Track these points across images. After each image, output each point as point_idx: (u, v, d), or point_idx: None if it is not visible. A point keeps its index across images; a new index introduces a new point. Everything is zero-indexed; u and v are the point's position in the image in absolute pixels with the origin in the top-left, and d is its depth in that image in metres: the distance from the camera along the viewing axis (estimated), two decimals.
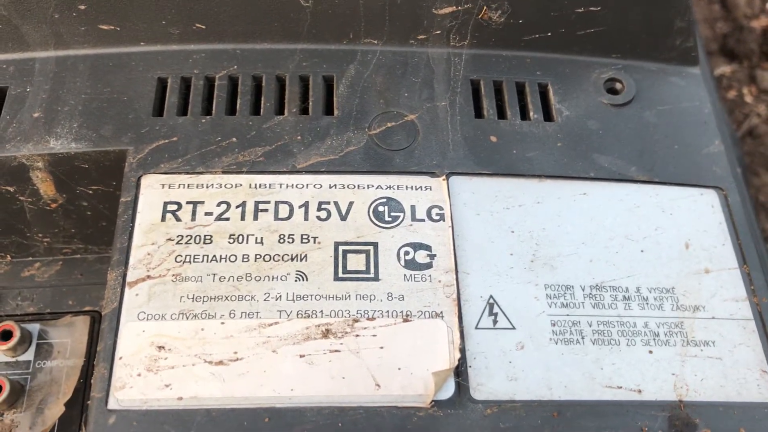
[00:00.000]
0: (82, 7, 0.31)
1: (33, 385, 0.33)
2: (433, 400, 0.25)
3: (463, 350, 0.26)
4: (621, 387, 0.26)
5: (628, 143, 0.32)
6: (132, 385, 0.25)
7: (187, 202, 0.28)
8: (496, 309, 0.27)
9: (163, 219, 0.28)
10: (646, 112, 0.33)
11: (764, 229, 0.82)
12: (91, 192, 0.32)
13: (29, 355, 0.33)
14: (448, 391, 0.25)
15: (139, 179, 0.29)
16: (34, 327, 0.34)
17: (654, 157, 0.32)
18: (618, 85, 0.33)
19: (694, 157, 0.32)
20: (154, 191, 0.29)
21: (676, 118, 0.33)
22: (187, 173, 0.29)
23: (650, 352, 0.27)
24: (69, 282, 0.35)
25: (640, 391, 0.26)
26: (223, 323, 0.26)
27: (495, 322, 0.27)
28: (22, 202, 0.32)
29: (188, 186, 0.29)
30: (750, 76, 0.90)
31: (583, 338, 0.27)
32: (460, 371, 0.26)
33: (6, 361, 0.33)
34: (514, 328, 0.27)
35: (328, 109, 0.31)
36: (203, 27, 0.32)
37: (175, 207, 0.28)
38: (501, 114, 0.32)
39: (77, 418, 0.32)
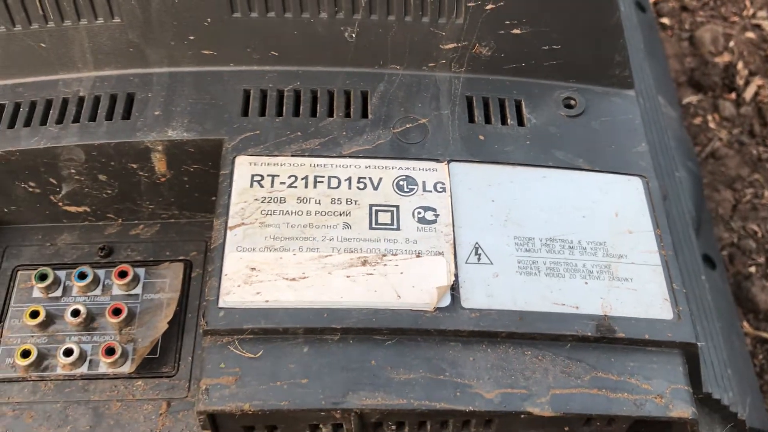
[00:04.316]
0: (192, 37, 0.43)
1: (142, 310, 0.43)
2: (436, 307, 0.36)
3: (456, 276, 0.37)
4: (564, 304, 0.37)
5: (578, 143, 0.42)
6: (235, 293, 0.36)
7: (268, 175, 0.40)
8: (480, 251, 0.39)
9: (251, 186, 0.40)
10: (593, 121, 0.44)
11: (721, 237, 0.94)
12: (192, 170, 0.43)
13: (138, 290, 0.43)
14: (446, 301, 0.35)
15: (233, 159, 0.40)
16: (141, 270, 0.45)
17: (596, 153, 0.42)
18: (573, 102, 0.44)
19: (625, 154, 0.43)
20: (244, 167, 0.41)
21: (614, 126, 0.44)
22: (267, 155, 0.40)
23: (586, 283, 0.38)
24: (166, 239, 0.44)
25: (577, 308, 0.37)
26: (294, 254, 0.38)
27: (479, 259, 0.39)
28: (140, 176, 0.43)
29: (268, 164, 0.41)
30: (714, 105, 1.02)
31: (539, 272, 0.38)
32: (455, 288, 0.37)
33: (122, 293, 0.44)
34: (492, 263, 0.38)
35: (365, 114, 0.41)
36: (276, 54, 0.43)
37: (259, 178, 0.40)
38: (487, 120, 0.42)
39: (176, 331, 0.43)
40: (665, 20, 1.11)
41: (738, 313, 0.83)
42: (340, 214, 0.39)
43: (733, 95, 1.02)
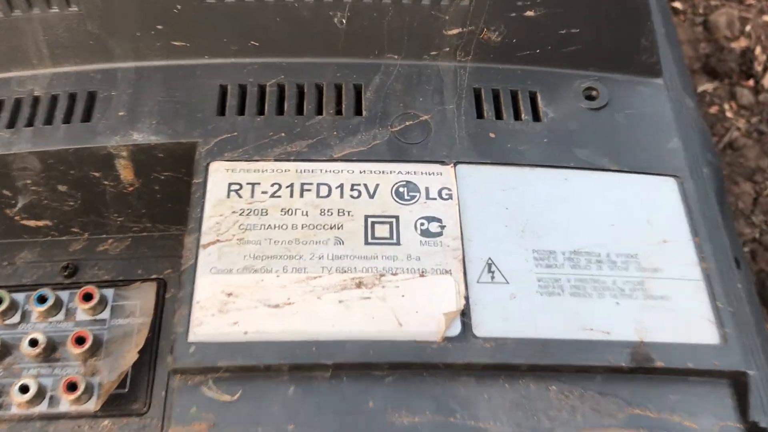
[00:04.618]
0: (160, 27, 0.38)
1: (109, 338, 0.39)
2: (443, 336, 0.32)
3: (467, 298, 0.32)
4: (593, 329, 0.32)
5: (602, 140, 0.38)
6: (207, 323, 0.31)
7: (247, 183, 0.35)
8: (493, 268, 0.34)
9: (228, 196, 0.35)
10: (617, 114, 0.39)
11: (743, 233, 0.89)
12: (163, 177, 0.38)
13: (106, 314, 0.39)
14: (456, 329, 0.31)
15: (207, 165, 0.36)
16: (109, 291, 0.40)
17: (623, 151, 0.38)
18: (594, 93, 0.40)
19: (655, 152, 0.38)
20: (220, 174, 0.35)
21: (642, 120, 0.40)
22: (246, 161, 0.36)
23: (617, 303, 0.33)
24: (137, 255, 0.40)
25: (608, 333, 0.32)
26: (278, 276, 0.33)
27: (492, 277, 0.33)
28: (104, 186, 0.38)
29: (247, 171, 0.35)
30: (730, 92, 0.96)
31: (563, 291, 0.33)
32: (465, 314, 0.32)
33: (87, 319, 0.39)
34: (507, 282, 0.33)
35: (358, 111, 0.37)
36: (257, 44, 0.39)
37: (237, 187, 0.35)
38: (498, 115, 0.38)
39: (148, 361, 0.38)
40: (677, 4, 1.06)
41: (763, 315, 0.78)
42: (331, 228, 0.34)
43: (751, 82, 0.97)
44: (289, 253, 0.33)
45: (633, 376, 0.31)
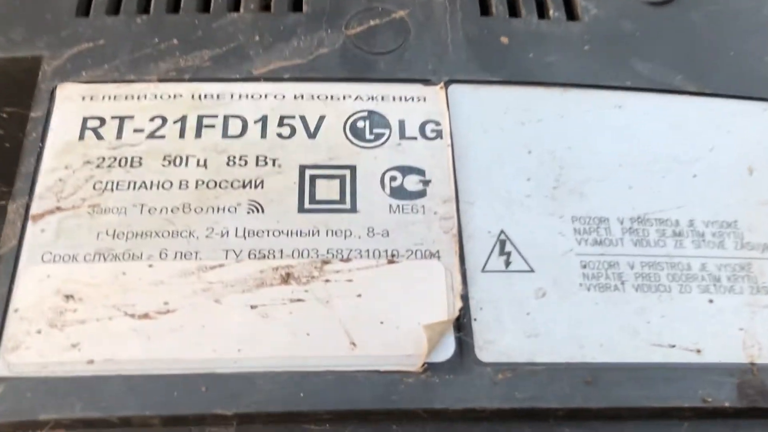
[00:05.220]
0: None
1: None
2: (425, 363, 0.19)
3: (465, 298, 0.20)
4: (674, 346, 0.20)
5: (672, 48, 0.25)
6: (29, 345, 0.19)
7: (113, 117, 0.22)
8: (508, 247, 0.21)
9: (81, 137, 0.22)
10: (692, 12, 0.26)
11: None
12: (6, 116, 0.26)
13: None
14: (447, 350, 0.19)
15: (53, 90, 0.23)
16: None
17: (704, 65, 0.25)
18: None
19: (753, 66, 0.25)
20: (71, 104, 0.22)
21: (729, 20, 0.26)
22: (115, 82, 0.23)
23: (710, 301, 0.21)
24: None
25: (699, 351, 0.20)
26: (151, 266, 0.20)
27: (508, 263, 0.21)
28: None
29: (115, 98, 0.22)
30: None
31: (623, 284, 0.21)
32: (463, 325, 0.19)
33: None
34: (532, 270, 0.21)
35: (296, 5, 0.25)
36: None
37: (96, 123, 0.22)
38: (513, 11, 0.25)
39: None
40: None
41: None
42: (244, 186, 0.21)
43: None
44: (173, 228, 0.20)
45: (739, 421, 0.20)
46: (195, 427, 0.18)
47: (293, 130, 0.22)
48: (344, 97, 0.23)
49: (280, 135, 0.22)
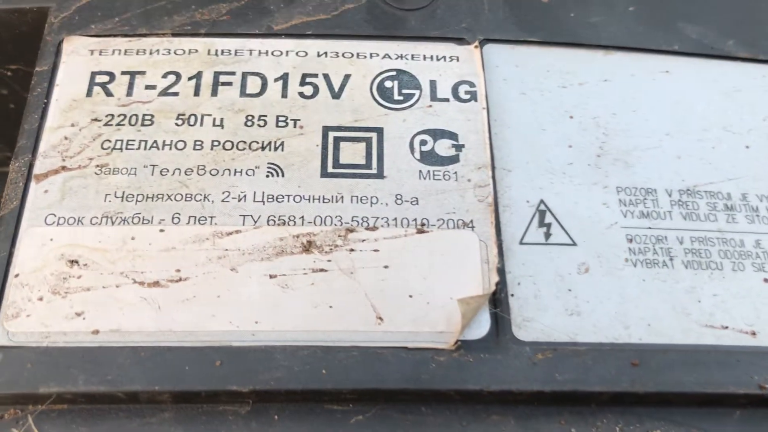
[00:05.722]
0: None
1: None
2: (458, 340, 0.17)
3: (502, 272, 0.18)
4: (727, 327, 0.18)
5: (724, 11, 0.24)
6: (30, 313, 0.17)
7: (123, 73, 0.21)
8: (549, 218, 0.19)
9: (89, 93, 0.20)
10: None
11: None
12: (10, 74, 0.24)
13: None
14: (482, 327, 0.18)
15: (60, 43, 0.21)
16: None
17: (757, 29, 0.23)
18: None
19: None
20: (79, 58, 0.21)
21: None
22: (125, 36, 0.21)
23: (766, 280, 0.19)
24: None
25: (754, 334, 0.18)
26: (162, 230, 0.18)
27: (548, 235, 0.19)
28: None
29: (125, 52, 0.21)
30: None
31: (671, 260, 0.19)
32: (499, 300, 0.18)
33: None
34: (574, 243, 0.19)
35: None
36: None
37: (106, 78, 0.21)
38: None
39: None
40: None
41: None
42: (263, 148, 0.19)
43: None
44: (186, 191, 0.19)
45: None
46: (207, 404, 0.17)
47: (316, 90, 0.21)
48: (371, 56, 0.21)
49: (302, 94, 0.20)
